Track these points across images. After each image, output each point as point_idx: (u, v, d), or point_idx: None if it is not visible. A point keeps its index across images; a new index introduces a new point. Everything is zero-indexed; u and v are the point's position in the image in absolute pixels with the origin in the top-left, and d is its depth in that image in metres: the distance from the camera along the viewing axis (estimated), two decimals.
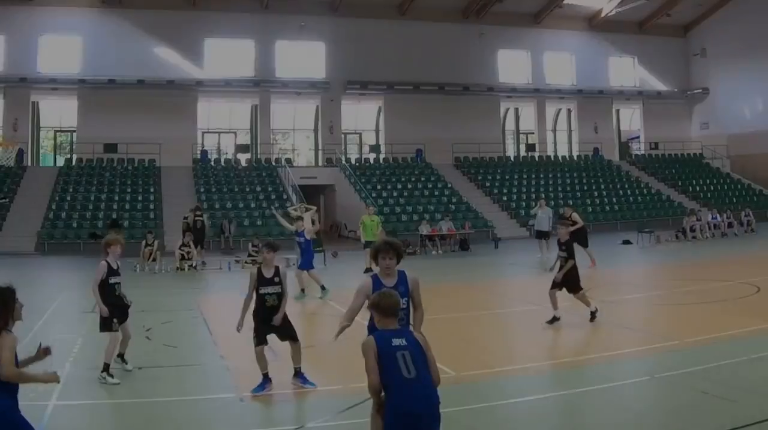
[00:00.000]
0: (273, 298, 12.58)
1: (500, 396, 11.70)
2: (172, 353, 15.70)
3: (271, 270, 12.71)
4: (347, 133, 65.77)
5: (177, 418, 11.15)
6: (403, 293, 9.16)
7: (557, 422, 10.98)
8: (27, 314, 8.80)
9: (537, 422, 10.81)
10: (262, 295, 12.53)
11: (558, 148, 70.99)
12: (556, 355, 15.42)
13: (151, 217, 47.97)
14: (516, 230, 51.45)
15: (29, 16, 55.00)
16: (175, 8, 57.75)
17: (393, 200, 53.39)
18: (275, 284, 12.61)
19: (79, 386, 12.83)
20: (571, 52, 68.88)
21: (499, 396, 11.69)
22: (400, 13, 62.91)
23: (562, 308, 17.70)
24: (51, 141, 62.15)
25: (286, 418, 11.36)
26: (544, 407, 11.48)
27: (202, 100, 60.45)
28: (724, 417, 10.24)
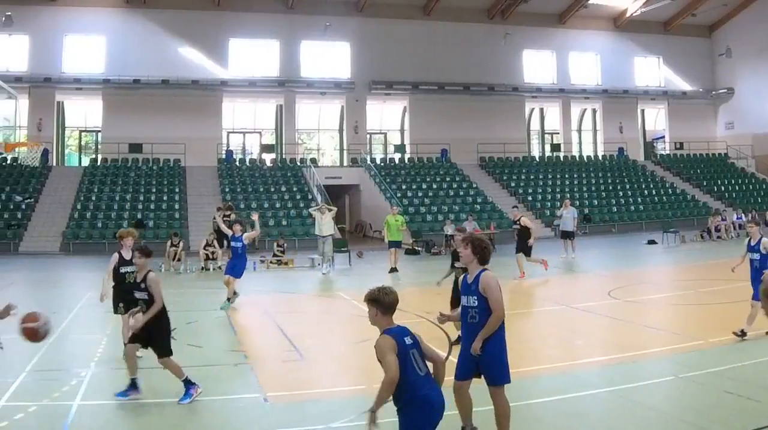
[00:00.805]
0: (141, 304, 12.12)
1: (524, 396, 11.21)
2: (196, 353, 15.31)
3: (141, 274, 12.31)
4: (372, 133, 64.83)
5: (201, 418, 11.02)
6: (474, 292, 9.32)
7: (582, 421, 10.60)
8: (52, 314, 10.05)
9: (562, 422, 10.52)
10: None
11: (583, 148, 69.88)
12: (580, 355, 14.91)
13: (176, 217, 47.05)
14: (541, 230, 48.14)
15: (54, 16, 54.21)
16: (199, 8, 56.79)
17: (418, 200, 52.33)
18: (142, 290, 12.16)
19: (104, 386, 12.69)
20: (596, 52, 67.49)
21: (523, 396, 11.14)
22: (425, 13, 61.72)
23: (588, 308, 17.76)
24: (76, 141, 61.15)
25: (310, 418, 10.98)
26: (569, 407, 11.20)
27: (227, 100, 59.49)
28: (749, 417, 10.16)
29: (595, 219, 52.78)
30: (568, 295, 21.34)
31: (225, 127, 60.20)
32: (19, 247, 42.07)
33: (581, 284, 27.99)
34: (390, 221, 32.56)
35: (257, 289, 25.32)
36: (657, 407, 11.00)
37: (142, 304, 12.08)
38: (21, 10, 52.80)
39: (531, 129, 69.16)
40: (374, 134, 65.49)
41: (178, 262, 33.28)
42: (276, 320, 19.24)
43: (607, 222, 53.27)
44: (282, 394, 12.16)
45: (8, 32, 53.77)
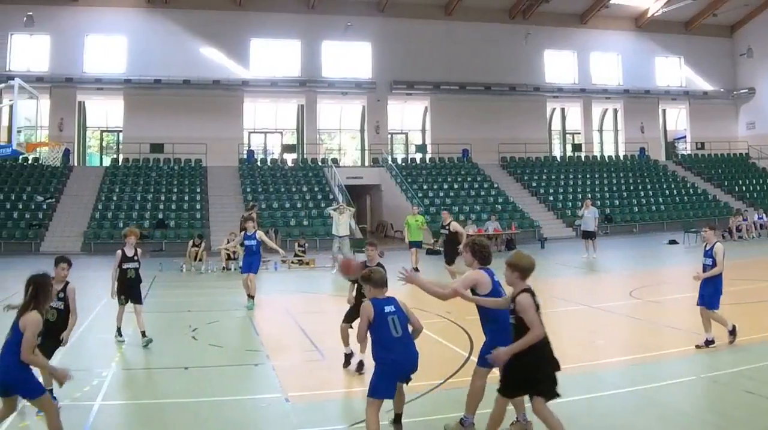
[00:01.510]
0: (53, 313, 11.38)
1: None
2: (218, 353, 15.35)
3: (60, 285, 11.76)
4: (393, 133, 63.77)
5: (223, 418, 10.85)
6: None
7: (603, 421, 10.47)
8: None
9: (583, 421, 10.29)
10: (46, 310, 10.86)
11: (604, 149, 68.75)
12: (602, 355, 14.69)
13: (197, 217, 46.32)
14: (562, 230, 49.43)
15: (75, 16, 53.58)
16: (220, 8, 55.98)
17: (439, 200, 51.01)
18: (59, 299, 11.65)
19: (125, 386, 12.76)
20: (617, 52, 66.25)
21: None
22: (447, 13, 60.68)
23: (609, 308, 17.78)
24: (97, 141, 60.64)
25: (332, 418, 11.04)
26: (591, 408, 11.07)
27: (248, 100, 58.58)
28: None
29: (616, 219, 51.83)
30: (589, 295, 21.26)
31: (246, 127, 59.31)
32: (40, 247, 41.36)
33: (603, 283, 27.55)
34: (410, 221, 32.09)
35: (279, 289, 25.21)
36: (678, 407, 11.03)
37: (54, 313, 11.47)
38: (42, 10, 52.23)
39: (552, 129, 68.12)
40: (395, 134, 64.47)
41: (200, 262, 32.71)
42: (297, 320, 19.00)
43: (628, 222, 52.16)
44: (303, 394, 12.05)
45: (29, 32, 53.27)
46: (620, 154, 66.58)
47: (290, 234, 43.07)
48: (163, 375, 13.18)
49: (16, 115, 22.23)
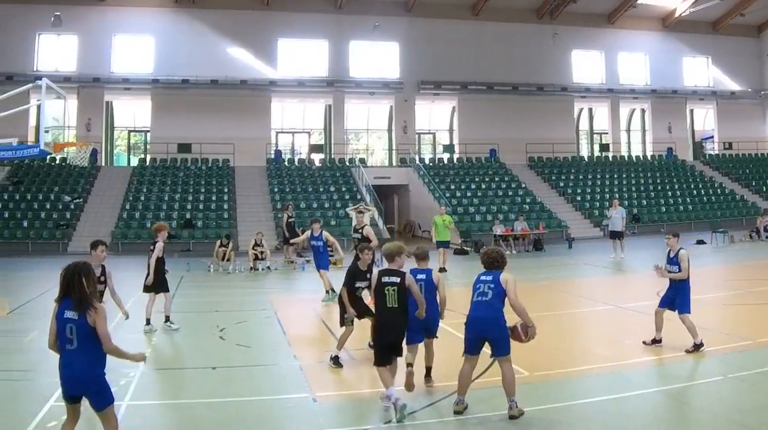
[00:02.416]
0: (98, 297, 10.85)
1: (574, 396, 11.33)
2: (245, 353, 15.15)
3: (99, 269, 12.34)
4: (421, 133, 62.54)
5: (250, 418, 10.71)
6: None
7: (631, 421, 10.26)
8: None
9: (610, 421, 10.26)
10: None
11: (632, 149, 67.18)
12: (629, 355, 14.26)
13: (224, 217, 45.48)
14: (590, 230, 48.35)
15: (102, 16, 52.93)
16: (248, 8, 55.04)
17: (467, 200, 50.30)
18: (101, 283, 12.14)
19: (153, 386, 12.64)
20: (644, 52, 64.77)
21: (572, 396, 11.33)
22: (474, 13, 59.37)
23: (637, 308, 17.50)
24: (124, 141, 59.91)
25: (359, 418, 10.77)
26: (618, 407, 10.91)
27: (276, 100, 57.50)
28: None
29: (643, 219, 50.73)
30: (617, 295, 21.05)
31: (274, 127, 58.26)
32: (67, 247, 40.61)
33: (630, 283, 26.96)
34: (438, 221, 31.52)
35: (306, 288, 24.94)
36: (705, 407, 10.89)
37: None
38: (70, 10, 51.63)
39: (580, 129, 66.80)
40: (423, 134, 63.23)
41: (227, 262, 31.98)
42: (324, 320, 18.62)
43: (655, 222, 50.64)
44: (331, 394, 11.96)
45: (57, 32, 52.76)
46: (648, 154, 65.22)
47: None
48: (190, 375, 13.22)
49: (43, 115, 21.27)
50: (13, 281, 28.23)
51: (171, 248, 40.60)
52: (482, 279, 10.62)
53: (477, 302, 10.49)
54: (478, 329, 10.41)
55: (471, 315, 10.54)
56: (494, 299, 10.38)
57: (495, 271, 10.68)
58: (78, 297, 8.00)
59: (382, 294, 10.87)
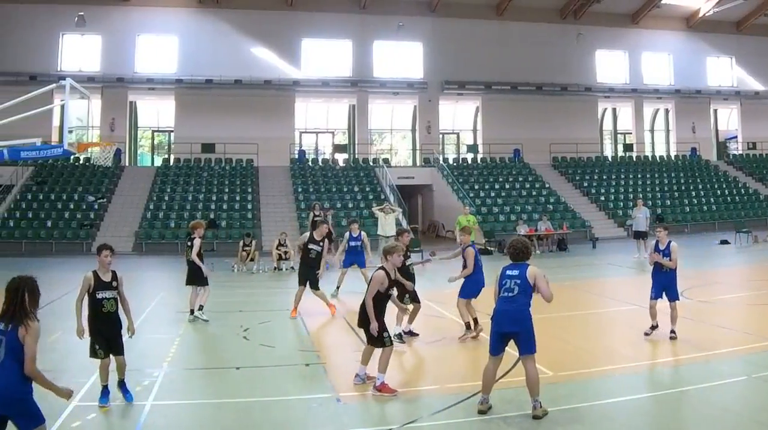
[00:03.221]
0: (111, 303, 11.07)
1: (597, 396, 11.19)
2: (269, 352, 14.96)
3: (109, 274, 11.25)
4: (445, 133, 61.05)
5: (274, 417, 10.59)
6: None
7: (654, 421, 10.20)
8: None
9: (634, 421, 10.08)
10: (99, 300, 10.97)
11: (655, 149, 65.59)
12: (653, 355, 14.35)
13: (248, 217, 44.68)
14: (613, 230, 47.22)
15: (126, 16, 52.27)
16: (271, 8, 54.13)
17: (490, 200, 49.04)
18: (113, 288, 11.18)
19: (176, 386, 12.39)
20: (668, 52, 63.14)
21: (596, 396, 11.18)
22: (498, 13, 57.98)
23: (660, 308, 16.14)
24: (148, 141, 59.00)
25: (383, 418, 10.65)
26: (641, 407, 10.79)
27: (300, 100, 56.44)
28: None
29: (667, 219, 48.36)
30: (640, 295, 19.79)
31: (297, 127, 57.21)
32: (91, 247, 39.16)
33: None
34: (462, 221, 31.33)
35: (330, 288, 23.65)
36: (729, 407, 10.58)
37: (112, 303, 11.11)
38: (93, 10, 51.01)
39: (603, 129, 65.37)
40: (447, 134, 61.80)
41: (251, 262, 31.42)
42: (348, 320, 17.83)
43: (679, 222, 49.25)
44: (355, 394, 11.65)
45: (81, 32, 52.19)
46: (672, 154, 63.63)
47: (342, 234, 40.86)
48: (214, 375, 13.07)
49: (67, 115, 22.11)
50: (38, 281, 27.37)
51: None
52: (508, 274, 10.44)
53: (503, 298, 10.33)
54: (504, 325, 10.24)
55: (497, 310, 10.37)
56: (520, 295, 10.23)
57: (521, 264, 10.50)
58: (13, 310, 7.51)
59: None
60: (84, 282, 10.93)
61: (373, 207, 37.88)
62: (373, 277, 11.66)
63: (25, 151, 20.98)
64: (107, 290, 10.92)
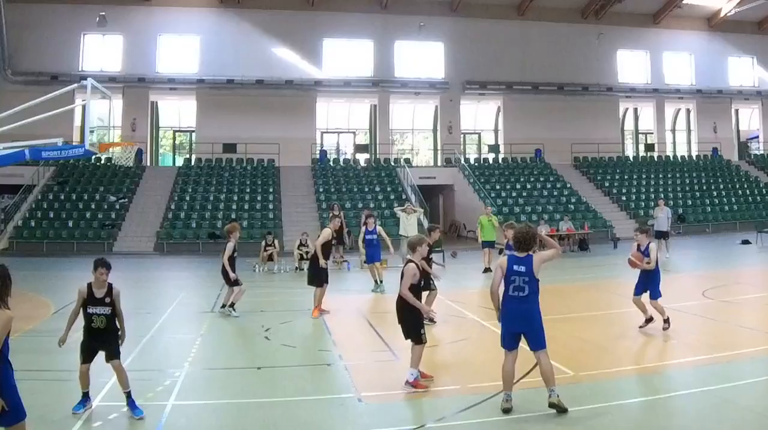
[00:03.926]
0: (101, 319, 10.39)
1: (619, 396, 10.76)
2: (290, 353, 14.67)
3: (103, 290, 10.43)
4: (466, 133, 59.62)
5: (295, 418, 10.17)
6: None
7: (676, 421, 9.85)
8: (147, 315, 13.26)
9: (656, 422, 9.71)
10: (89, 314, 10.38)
11: (677, 148, 64.12)
12: (675, 355, 13.86)
13: (270, 217, 43.72)
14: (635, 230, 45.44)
15: (148, 16, 51.30)
16: (293, 8, 52.97)
17: (512, 200, 47.97)
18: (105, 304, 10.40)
19: (198, 386, 12.07)
20: (690, 52, 61.52)
21: (617, 396, 10.76)
22: (519, 13, 56.55)
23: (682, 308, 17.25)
24: (170, 141, 57.87)
25: (405, 418, 10.32)
26: (664, 408, 10.34)
27: (321, 100, 55.28)
28: None
29: (689, 219, 48.42)
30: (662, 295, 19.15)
31: (319, 127, 56.00)
32: (113, 247, 39.13)
33: (675, 284, 25.12)
34: (483, 221, 30.54)
35: (351, 288, 24.37)
36: (752, 407, 10.18)
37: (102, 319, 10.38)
38: (115, 11, 50.12)
39: (625, 129, 63.87)
40: (468, 134, 60.33)
41: (271, 262, 30.63)
42: (370, 320, 18.13)
43: (701, 222, 48.54)
44: (376, 394, 11.24)
45: (102, 32, 51.31)
46: (693, 154, 62.09)
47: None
48: (235, 375, 12.67)
49: (88, 115, 21.55)
50: (58, 281, 27.13)
51: (216, 248, 39.46)
52: (516, 270, 9.97)
53: (512, 298, 9.96)
54: (515, 325, 9.98)
55: (506, 309, 10.02)
56: (530, 294, 9.91)
57: (526, 257, 10.00)
58: None
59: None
60: (78, 295, 10.32)
61: (395, 207, 37.21)
62: (404, 271, 11.28)
63: (47, 151, 20.72)
64: (98, 306, 10.25)
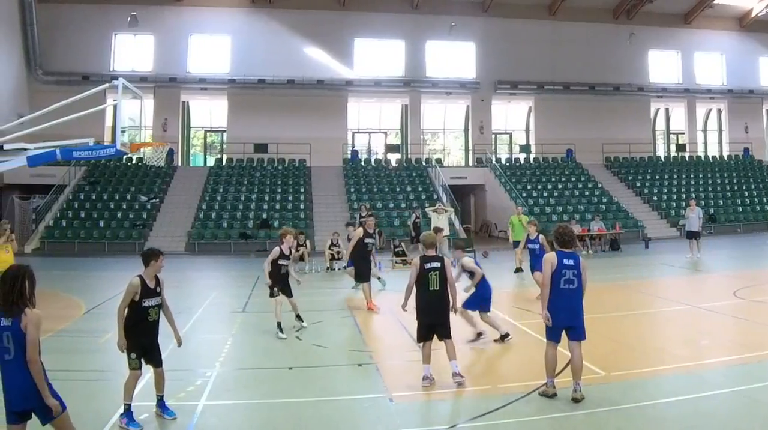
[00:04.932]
0: (155, 311, 9.88)
1: (650, 396, 10.23)
2: (322, 353, 14.17)
3: (154, 280, 9.91)
4: (497, 133, 57.27)
5: (326, 418, 9.86)
6: None
7: (707, 422, 9.35)
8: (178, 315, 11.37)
9: (687, 421, 9.35)
10: (145, 308, 9.72)
11: (708, 149, 61.65)
12: (706, 355, 13.19)
13: (301, 217, 42.08)
14: (666, 230, 44.49)
15: (178, 16, 49.83)
16: (324, 8, 51.24)
17: (543, 200, 46.47)
18: (157, 295, 9.92)
19: (229, 385, 11.70)
20: (721, 52, 58.97)
21: (648, 396, 10.24)
22: (550, 13, 54.42)
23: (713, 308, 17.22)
24: (201, 141, 56.00)
25: (436, 418, 10.06)
26: (694, 407, 9.88)
27: (352, 100, 53.25)
28: None
29: (720, 219, 46.66)
30: (693, 295, 20.45)
31: (350, 127, 54.10)
32: (144, 247, 35.75)
33: (707, 284, 25.31)
34: (514, 221, 29.58)
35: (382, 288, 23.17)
36: None
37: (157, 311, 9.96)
38: (146, 11, 48.77)
39: (656, 129, 61.39)
40: (499, 134, 58.07)
41: (303, 262, 29.27)
42: (401, 320, 16.96)
43: (732, 222, 46.70)
44: (407, 394, 10.95)
45: (133, 32, 49.77)
46: (724, 154, 59.60)
47: (394, 234, 38.66)
48: (267, 375, 12.42)
49: (119, 115, 19.82)
50: (89, 281, 26.75)
51: (247, 248, 37.76)
52: (566, 264, 9.93)
53: (564, 291, 9.91)
54: (567, 319, 9.95)
55: (559, 303, 9.91)
56: (579, 287, 9.99)
57: (573, 253, 10.09)
58: (12, 301, 7.00)
59: (425, 279, 11.00)
60: (130, 289, 9.47)
61: (426, 207, 35.96)
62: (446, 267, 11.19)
63: (78, 151, 19.45)
64: (154, 297, 9.64)
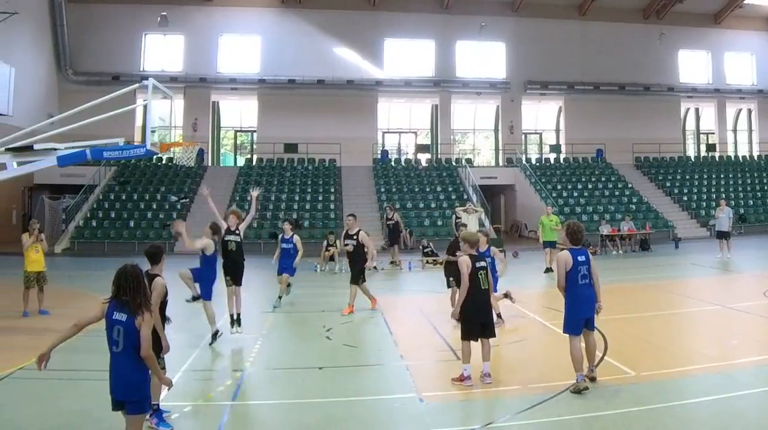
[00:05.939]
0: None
1: (680, 396, 9.98)
2: (352, 353, 13.92)
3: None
4: (527, 133, 55.31)
5: (357, 417, 9.70)
6: None
7: (737, 421, 9.02)
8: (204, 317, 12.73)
9: (717, 421, 9.10)
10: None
11: (738, 149, 59.27)
12: (736, 355, 12.50)
13: (331, 217, 40.96)
14: (696, 230, 43.13)
15: (209, 16, 48.34)
16: (354, 8, 49.74)
17: (573, 200, 45.03)
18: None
19: (259, 385, 11.60)
20: (751, 52, 56.55)
21: (678, 396, 9.98)
22: (581, 13, 52.30)
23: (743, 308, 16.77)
24: (231, 141, 54.46)
25: (466, 418, 9.67)
26: (724, 407, 9.56)
27: (382, 100, 51.60)
28: None
29: (750, 219, 45.03)
30: (723, 295, 20.10)
31: (380, 127, 52.49)
32: (174, 247, 35.97)
33: (737, 283, 24.72)
34: (544, 221, 29.11)
35: (412, 289, 23.85)
36: None
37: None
38: (176, 10, 47.42)
39: (686, 129, 59.13)
40: (529, 134, 56.17)
41: (333, 262, 29.25)
42: (431, 320, 16.97)
43: (762, 222, 44.93)
44: (438, 394, 10.58)
45: (163, 32, 48.52)
46: (754, 154, 57.29)
47: (424, 234, 37.65)
48: (297, 375, 12.07)
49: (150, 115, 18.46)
50: None
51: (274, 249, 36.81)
52: (580, 260, 10.26)
53: (582, 286, 10.22)
54: (588, 310, 10.27)
55: (579, 297, 10.22)
56: (591, 280, 10.28)
57: (583, 249, 10.41)
58: (131, 299, 7.02)
59: (476, 279, 10.74)
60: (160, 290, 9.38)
61: (456, 207, 34.62)
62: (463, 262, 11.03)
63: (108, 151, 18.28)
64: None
